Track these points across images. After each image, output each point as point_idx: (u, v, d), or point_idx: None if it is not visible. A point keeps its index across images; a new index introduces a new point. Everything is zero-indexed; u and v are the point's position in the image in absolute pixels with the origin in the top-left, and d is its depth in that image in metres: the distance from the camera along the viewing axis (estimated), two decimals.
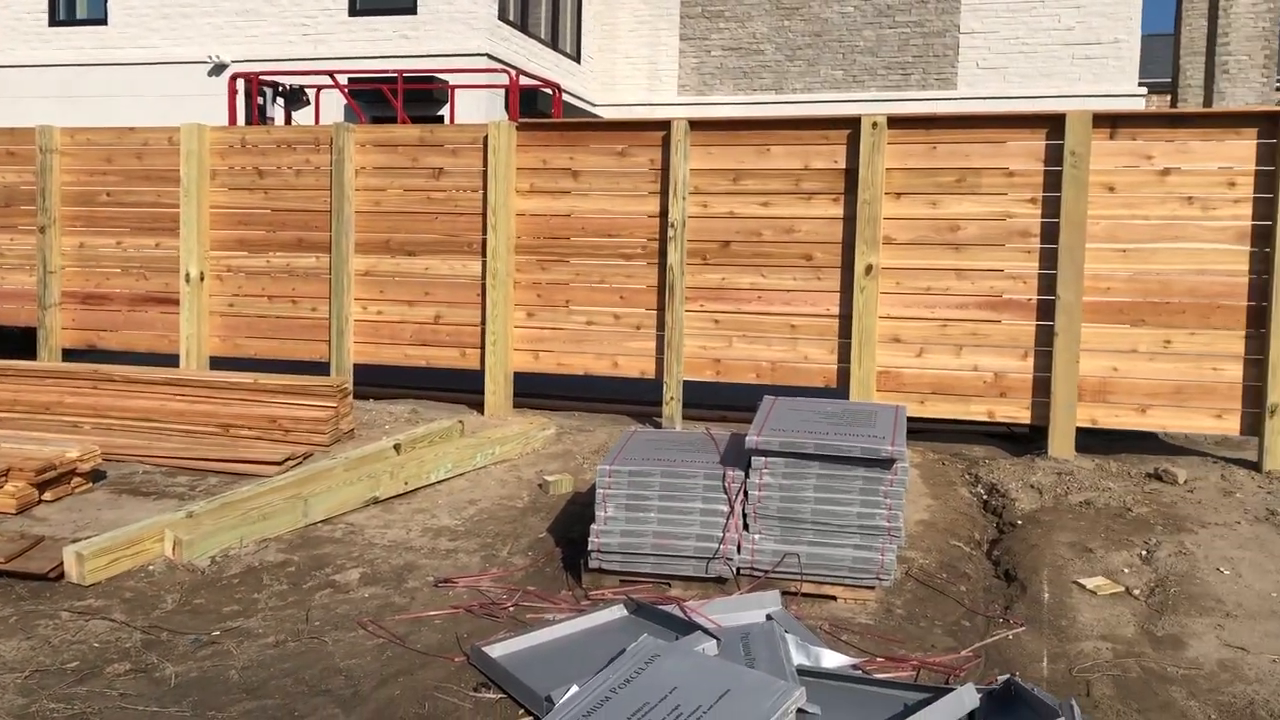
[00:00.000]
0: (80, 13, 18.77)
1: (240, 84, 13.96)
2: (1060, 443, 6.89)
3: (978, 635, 4.33)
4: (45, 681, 3.79)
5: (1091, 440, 7.14)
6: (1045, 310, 7.00)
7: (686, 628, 4.05)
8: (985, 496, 6.25)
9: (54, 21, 18.71)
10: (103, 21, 18.45)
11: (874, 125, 7.16)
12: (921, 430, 7.50)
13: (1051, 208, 6.95)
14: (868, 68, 19.52)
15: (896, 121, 7.23)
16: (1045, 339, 6.99)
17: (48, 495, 5.89)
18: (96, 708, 3.59)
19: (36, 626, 4.29)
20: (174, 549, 4.99)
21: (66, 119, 17.53)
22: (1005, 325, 7.09)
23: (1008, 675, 3.60)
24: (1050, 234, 6.95)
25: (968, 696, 3.30)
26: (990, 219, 7.08)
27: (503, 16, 17.29)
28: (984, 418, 7.18)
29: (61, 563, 4.76)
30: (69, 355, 9.31)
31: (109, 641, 4.17)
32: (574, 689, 3.51)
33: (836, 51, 19.64)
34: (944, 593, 4.78)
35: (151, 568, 4.92)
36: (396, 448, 6.64)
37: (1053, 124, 6.96)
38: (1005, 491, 6.19)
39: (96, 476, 6.32)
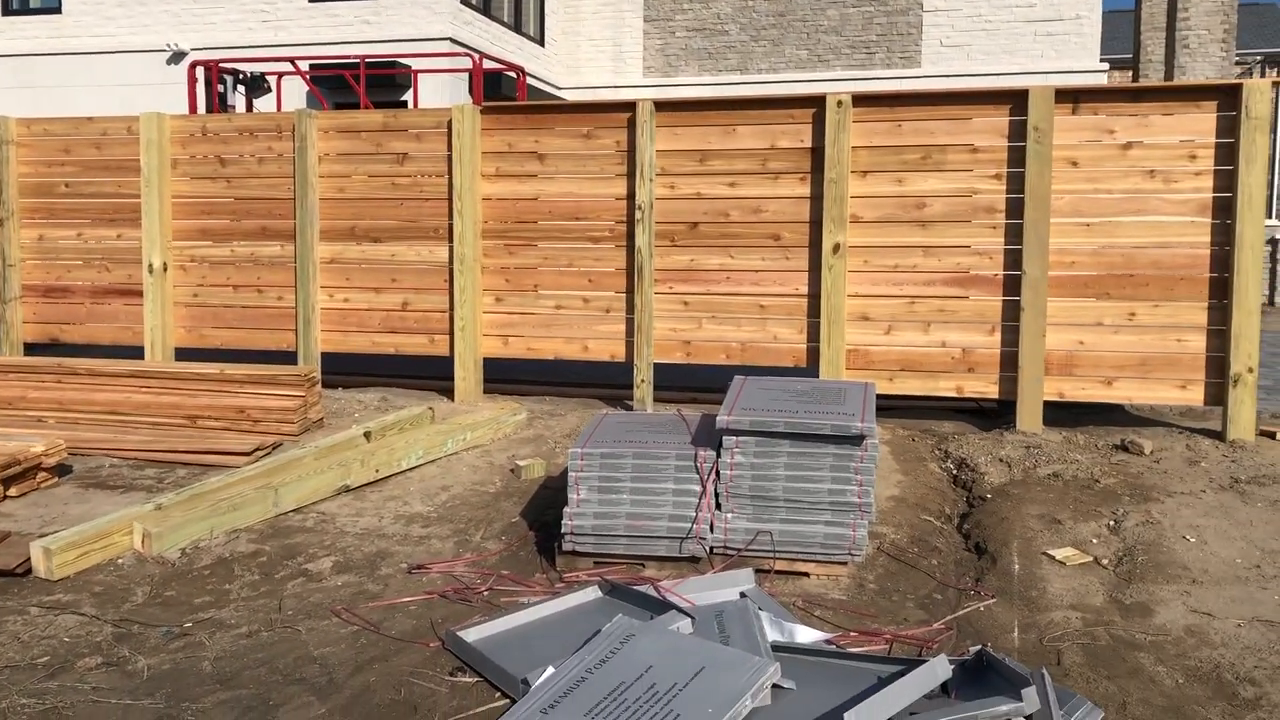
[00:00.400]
0: (33, 1, 18.43)
1: (200, 72, 13.79)
2: (1028, 417, 6.96)
3: (949, 608, 4.37)
4: (15, 677, 3.75)
5: (1059, 413, 7.22)
6: (1011, 285, 7.05)
7: (661, 607, 4.06)
8: (955, 471, 6.30)
9: (7, 11, 18.37)
10: (57, 10, 18.13)
11: (839, 104, 7.17)
12: (891, 407, 7.55)
13: (1016, 183, 7.00)
14: (832, 47, 19.54)
15: (861, 100, 7.25)
16: (1012, 314, 7.05)
17: (13, 491, 5.82)
18: (69, 701, 3.56)
19: (5, 622, 4.24)
20: (143, 542, 4.95)
21: (23, 109, 17.26)
22: (972, 301, 7.14)
23: (979, 646, 3.64)
24: (1015, 209, 7.00)
25: (940, 668, 3.33)
26: (956, 195, 7.12)
27: (465, 1, 17.15)
28: (953, 393, 7.24)
29: (29, 558, 4.71)
30: (31, 349, 9.18)
31: (79, 636, 4.12)
32: (550, 670, 3.51)
33: (801, 31, 19.64)
34: (915, 566, 4.82)
35: (121, 561, 4.87)
36: (367, 435, 6.61)
37: (1016, 100, 7.00)
38: (975, 466, 6.24)
39: (62, 471, 6.24)
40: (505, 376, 8.60)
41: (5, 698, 3.59)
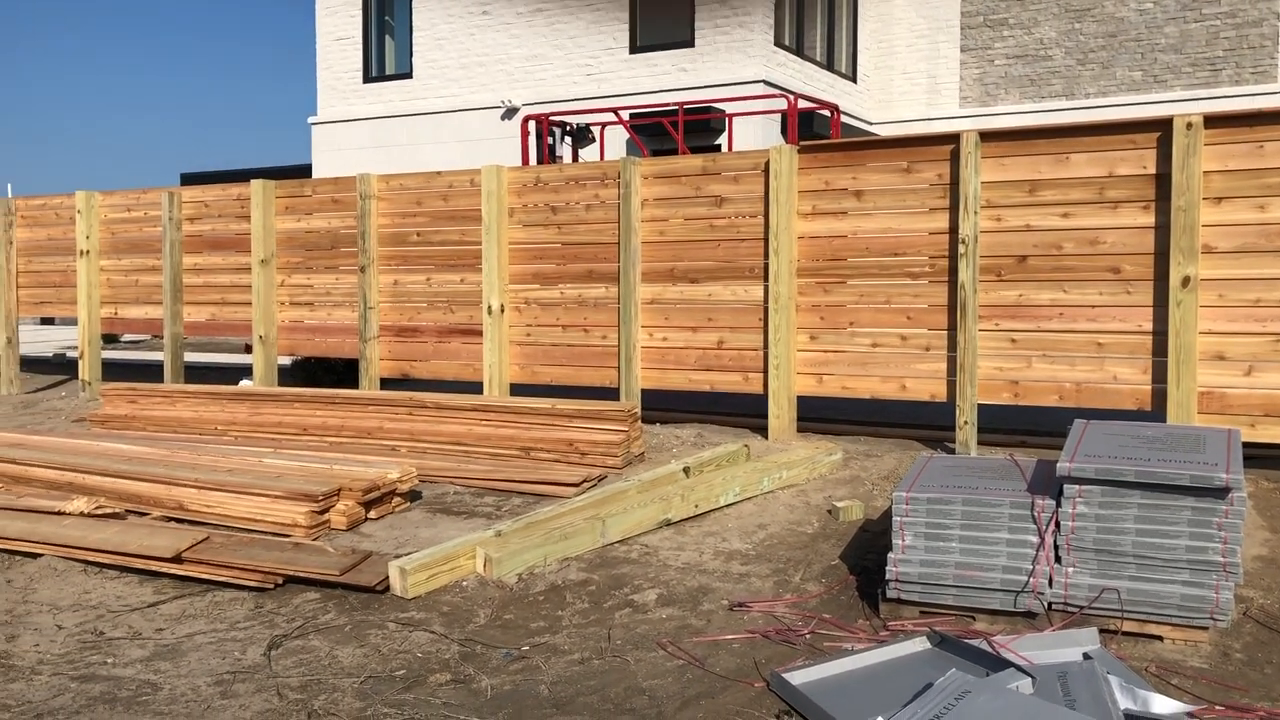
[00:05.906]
0: (389, 69, 20.52)
1: (531, 125, 14.76)
2: None
3: None
4: (378, 687, 4.09)
5: None
6: None
7: (996, 664, 3.85)
8: None
9: (367, 79, 20.53)
10: (409, 75, 20.08)
11: (1188, 126, 6.61)
12: (1253, 456, 6.80)
13: None
14: (1170, 66, 18.14)
15: (1214, 120, 6.65)
16: None
17: (372, 513, 6.38)
18: (423, 715, 3.83)
19: (368, 635, 4.64)
20: (485, 566, 5.27)
21: (379, 166, 19.16)
22: None
23: None
24: None
25: None
26: None
27: (778, 42, 17.37)
28: None
29: (387, 576, 5.14)
30: (385, 384, 10.09)
31: (430, 652, 4.44)
32: None
33: (1134, 52, 18.38)
34: None
35: (465, 583, 5.21)
36: (686, 471, 6.74)
37: None
38: None
39: (413, 496, 6.79)
40: (817, 415, 8.52)
41: (370, 705, 3.91)
